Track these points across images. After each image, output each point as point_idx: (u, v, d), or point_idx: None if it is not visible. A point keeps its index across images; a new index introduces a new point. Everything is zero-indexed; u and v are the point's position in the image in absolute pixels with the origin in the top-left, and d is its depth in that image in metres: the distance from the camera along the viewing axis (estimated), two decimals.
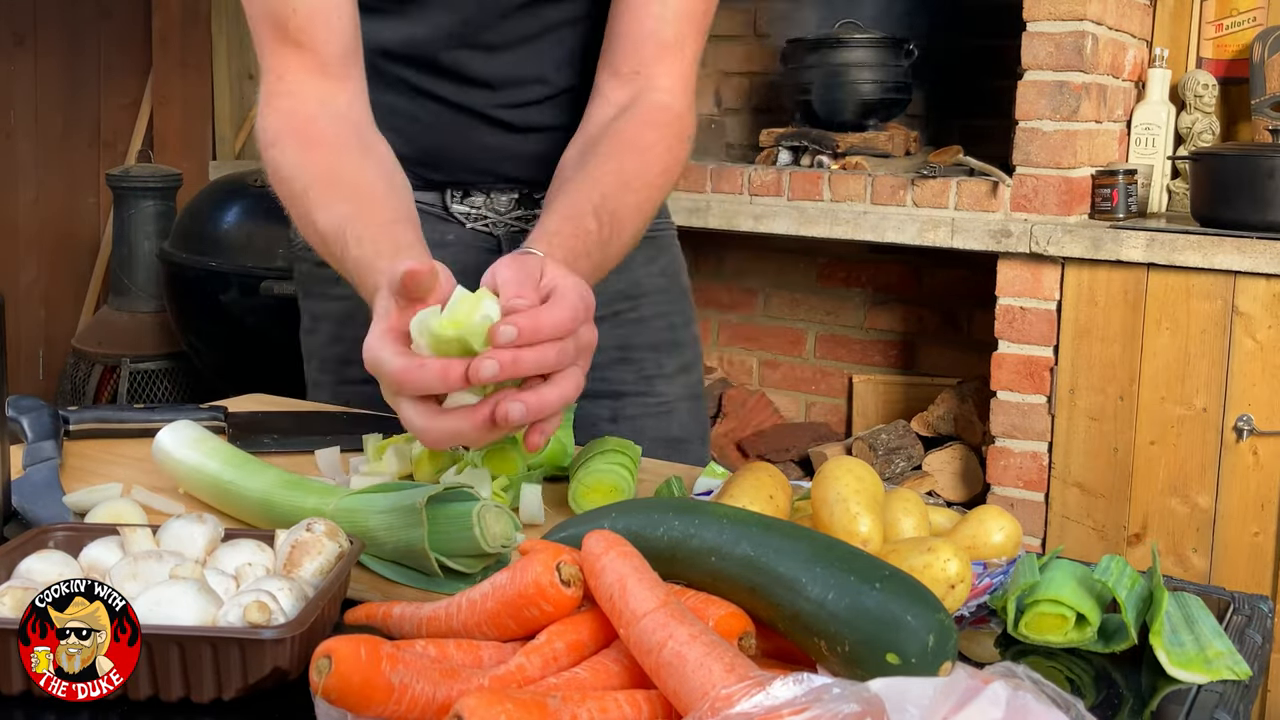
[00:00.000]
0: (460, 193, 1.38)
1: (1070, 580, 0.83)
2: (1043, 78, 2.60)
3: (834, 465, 0.86)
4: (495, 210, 1.38)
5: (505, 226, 1.38)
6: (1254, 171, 2.43)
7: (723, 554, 0.74)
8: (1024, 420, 2.64)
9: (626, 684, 0.67)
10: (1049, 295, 2.59)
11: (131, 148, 4.24)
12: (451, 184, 1.37)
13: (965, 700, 0.59)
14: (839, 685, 0.57)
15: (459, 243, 1.37)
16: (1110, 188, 2.59)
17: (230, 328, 3.26)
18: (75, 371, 3.73)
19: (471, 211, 1.38)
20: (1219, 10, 2.88)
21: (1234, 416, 2.44)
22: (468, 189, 1.38)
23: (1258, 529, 2.44)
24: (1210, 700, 0.76)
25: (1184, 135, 2.83)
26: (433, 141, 1.34)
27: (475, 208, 1.38)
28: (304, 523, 0.82)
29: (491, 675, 0.67)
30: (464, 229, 1.38)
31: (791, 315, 3.49)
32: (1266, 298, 2.40)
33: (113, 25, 4.21)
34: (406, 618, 0.76)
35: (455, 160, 1.36)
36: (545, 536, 0.84)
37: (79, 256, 4.24)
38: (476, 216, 1.38)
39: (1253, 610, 0.90)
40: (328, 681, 0.62)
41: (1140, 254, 2.47)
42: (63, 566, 0.78)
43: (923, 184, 2.73)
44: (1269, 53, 2.76)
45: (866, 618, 0.67)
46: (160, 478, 1.08)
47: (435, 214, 1.37)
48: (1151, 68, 2.83)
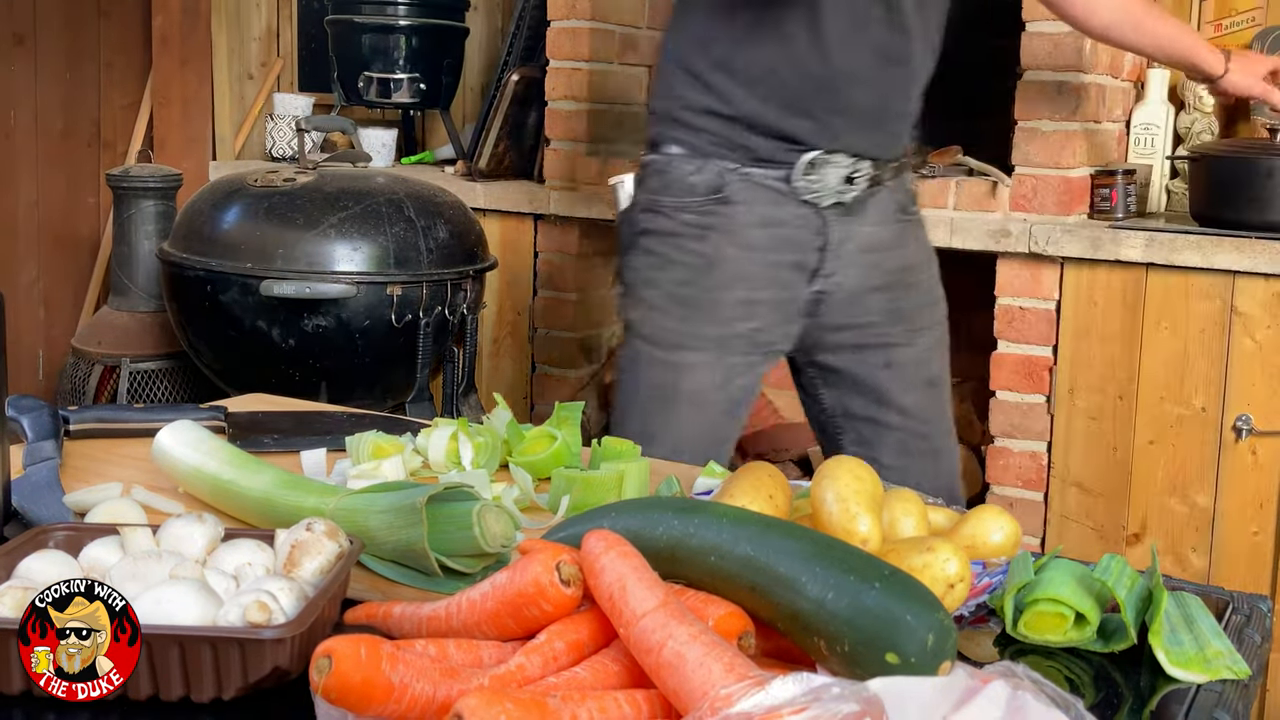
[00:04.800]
0: (808, 166, 1.62)
1: (1069, 579, 0.83)
2: (1042, 78, 2.60)
3: (833, 465, 0.86)
4: (827, 184, 1.63)
5: (832, 198, 1.64)
6: (1253, 171, 2.43)
7: (722, 553, 0.74)
8: (1023, 420, 2.64)
9: (626, 683, 0.67)
10: (1048, 295, 2.59)
11: (131, 148, 4.24)
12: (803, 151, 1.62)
13: (965, 699, 0.59)
14: (838, 685, 0.57)
15: (796, 219, 1.64)
16: (1109, 188, 2.59)
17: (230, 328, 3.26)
18: (75, 371, 3.73)
19: (808, 185, 1.63)
20: (1218, 10, 2.88)
21: (1233, 416, 2.44)
22: (811, 161, 1.62)
23: (1257, 529, 2.44)
24: (1209, 699, 0.76)
25: (1183, 135, 2.83)
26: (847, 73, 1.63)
27: (812, 181, 1.62)
28: (304, 522, 0.82)
29: (491, 675, 0.67)
30: (798, 206, 1.64)
31: None
32: (1265, 297, 2.40)
33: (113, 25, 4.21)
34: (406, 617, 0.76)
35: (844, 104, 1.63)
36: (545, 536, 0.84)
37: (79, 256, 4.23)
38: (810, 191, 1.63)
39: (1251, 610, 0.90)
40: (328, 681, 0.62)
41: (1139, 254, 2.47)
42: (63, 566, 0.78)
43: (922, 184, 2.73)
44: (1268, 52, 2.76)
45: (866, 617, 0.67)
46: (160, 478, 1.08)
47: (778, 189, 1.63)
48: (1150, 68, 2.83)
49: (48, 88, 4.11)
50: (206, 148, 4.17)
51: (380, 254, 2.60)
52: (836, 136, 1.63)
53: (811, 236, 1.66)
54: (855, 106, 1.63)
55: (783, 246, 1.64)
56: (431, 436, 1.17)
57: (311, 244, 2.59)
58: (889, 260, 1.75)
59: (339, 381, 2.67)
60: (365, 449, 1.14)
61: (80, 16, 4.14)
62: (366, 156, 3.22)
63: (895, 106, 1.70)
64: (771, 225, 1.64)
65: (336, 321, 2.59)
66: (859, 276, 1.70)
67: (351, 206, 2.68)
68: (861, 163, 1.66)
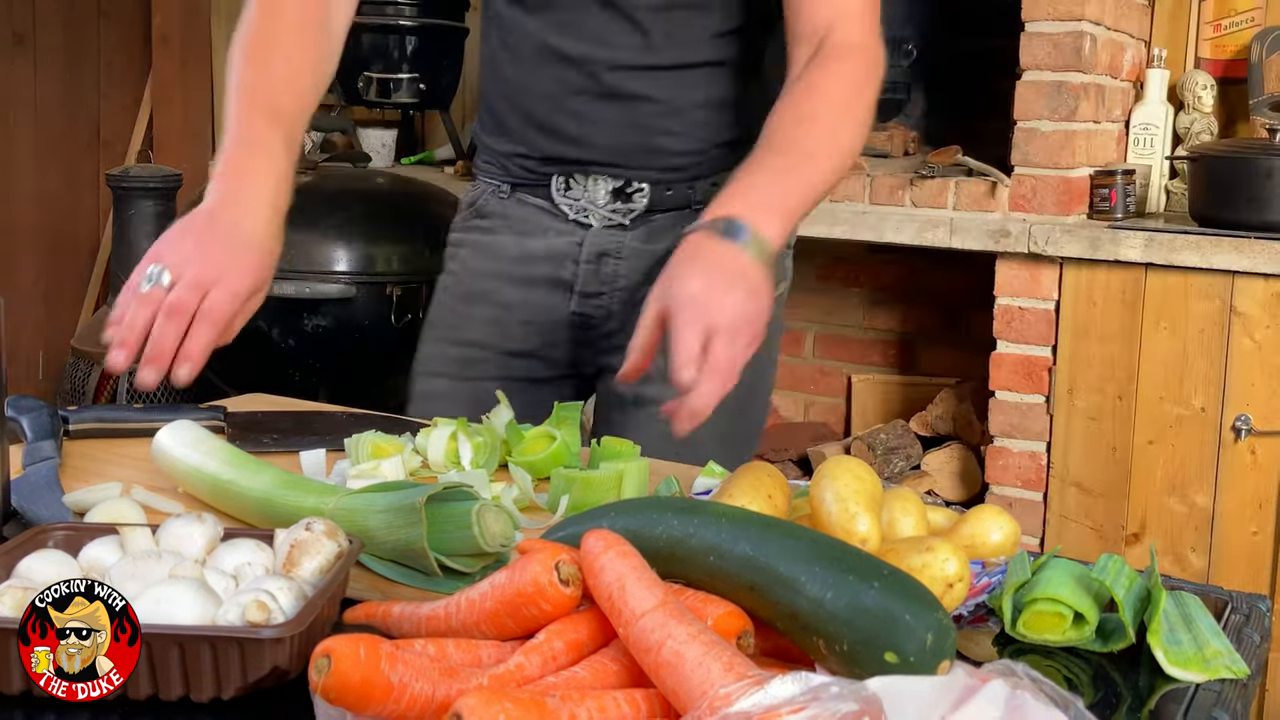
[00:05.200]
0: (563, 183, 1.49)
1: (1068, 579, 0.83)
2: (1041, 78, 2.60)
3: (833, 465, 0.87)
4: (593, 201, 1.49)
5: (602, 219, 1.49)
6: (1252, 172, 2.43)
7: (722, 553, 0.74)
8: (1022, 420, 2.64)
9: (625, 683, 0.67)
10: (1047, 295, 2.59)
11: (131, 148, 4.24)
12: (557, 168, 1.49)
13: (963, 699, 0.59)
14: (837, 684, 0.58)
15: (555, 233, 1.51)
16: (1108, 188, 2.59)
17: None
18: (75, 371, 3.73)
19: (573, 203, 1.50)
20: (1217, 10, 2.88)
21: (1232, 416, 2.44)
22: (569, 177, 1.49)
23: (1256, 528, 2.44)
24: (1208, 699, 0.76)
25: (1182, 135, 2.83)
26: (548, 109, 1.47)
27: (576, 199, 1.49)
28: (303, 522, 0.82)
29: (490, 674, 0.67)
30: (565, 221, 1.50)
31: (790, 315, 3.47)
32: (1265, 297, 2.40)
33: (113, 25, 4.21)
34: (406, 617, 0.76)
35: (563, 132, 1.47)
36: (544, 536, 0.84)
37: (78, 256, 4.23)
38: (578, 209, 1.50)
39: (1250, 609, 0.90)
40: (327, 680, 0.62)
41: (1138, 254, 2.47)
42: (62, 566, 0.79)
43: (921, 184, 2.73)
44: (1267, 53, 2.76)
45: (865, 616, 0.67)
46: (159, 477, 1.08)
47: (543, 209, 1.51)
48: (1150, 68, 2.83)
49: (47, 87, 4.11)
50: (206, 147, 4.17)
51: (380, 254, 2.60)
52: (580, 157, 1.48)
53: (573, 253, 1.50)
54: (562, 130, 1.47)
55: (540, 263, 1.51)
56: (430, 436, 1.17)
57: (311, 244, 2.59)
58: None
59: (339, 381, 2.67)
60: (365, 449, 1.14)
61: (80, 16, 4.14)
62: (366, 156, 3.22)
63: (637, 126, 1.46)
64: (529, 241, 1.52)
65: (336, 321, 2.59)
66: (629, 298, 1.49)
67: (351, 206, 2.69)
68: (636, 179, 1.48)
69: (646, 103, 1.45)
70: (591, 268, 1.50)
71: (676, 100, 1.45)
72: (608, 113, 1.45)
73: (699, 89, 1.46)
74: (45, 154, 4.12)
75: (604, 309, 1.51)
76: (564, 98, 1.46)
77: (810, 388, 3.48)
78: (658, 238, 1.48)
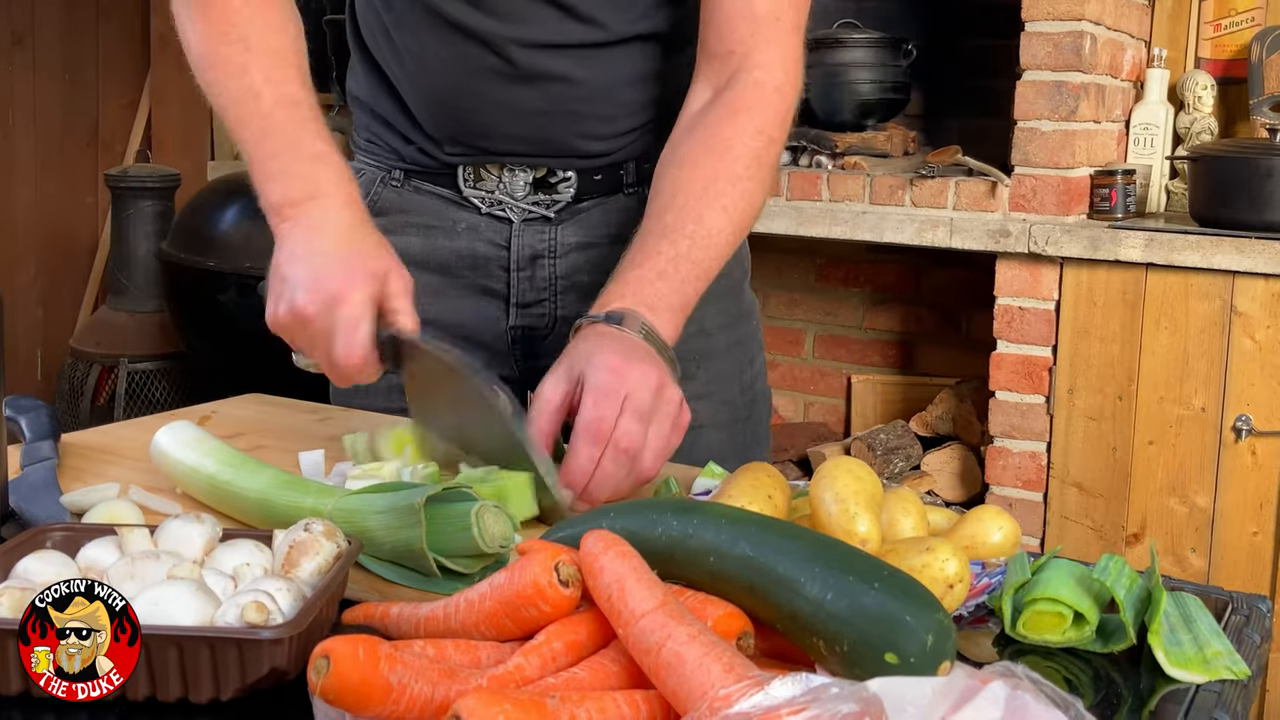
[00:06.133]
0: (472, 173, 1.31)
1: (1068, 579, 0.83)
2: (1041, 78, 2.60)
3: (832, 465, 0.86)
4: (510, 194, 1.31)
5: (522, 212, 1.32)
6: (1252, 171, 2.43)
7: (721, 554, 0.74)
8: (1022, 420, 2.64)
9: (625, 684, 0.67)
10: (1048, 295, 2.59)
11: (130, 147, 4.24)
12: (464, 158, 1.31)
13: (964, 700, 0.59)
14: (838, 685, 0.57)
15: (471, 230, 1.32)
16: (1109, 188, 2.59)
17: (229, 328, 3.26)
18: (73, 372, 3.73)
19: (486, 195, 1.32)
20: (1217, 10, 2.88)
21: (1232, 416, 2.44)
22: (480, 167, 1.31)
23: (1256, 529, 2.44)
24: (1209, 700, 0.76)
25: (1182, 135, 2.83)
26: (446, 88, 1.27)
27: (489, 191, 1.31)
28: (302, 523, 0.81)
29: (490, 675, 0.67)
30: (478, 215, 1.32)
31: (790, 315, 3.48)
32: (1265, 297, 2.40)
33: (112, 25, 4.21)
34: (405, 618, 0.76)
35: (469, 117, 1.28)
36: (543, 537, 0.84)
37: (77, 256, 4.23)
38: (491, 201, 1.32)
39: (1251, 610, 0.90)
40: (326, 681, 0.62)
41: (1139, 254, 2.47)
42: (61, 567, 0.78)
43: (921, 184, 2.73)
44: (1267, 53, 2.76)
45: (865, 617, 0.67)
46: (158, 478, 1.08)
47: (449, 198, 1.33)
48: (1150, 68, 2.83)
49: (46, 88, 4.11)
50: (205, 147, 4.17)
51: None
52: (490, 146, 1.30)
53: (499, 259, 1.33)
54: (468, 116, 1.29)
55: (462, 270, 1.34)
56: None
57: None
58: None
59: None
60: (387, 442, 1.12)
61: (79, 17, 4.14)
62: None
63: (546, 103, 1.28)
64: (440, 241, 1.34)
65: None
66: (572, 297, 1.35)
67: None
68: (560, 168, 1.31)
69: (566, 84, 1.26)
70: (525, 275, 1.33)
71: (599, 80, 1.27)
72: (518, 96, 1.26)
73: (626, 66, 1.28)
74: (44, 154, 4.12)
75: (546, 316, 1.35)
76: (468, 79, 1.26)
77: (810, 388, 3.48)
78: (591, 228, 1.33)
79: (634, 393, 0.99)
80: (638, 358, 1.02)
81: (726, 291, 1.36)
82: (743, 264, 1.43)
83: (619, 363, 1.01)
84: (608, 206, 1.33)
